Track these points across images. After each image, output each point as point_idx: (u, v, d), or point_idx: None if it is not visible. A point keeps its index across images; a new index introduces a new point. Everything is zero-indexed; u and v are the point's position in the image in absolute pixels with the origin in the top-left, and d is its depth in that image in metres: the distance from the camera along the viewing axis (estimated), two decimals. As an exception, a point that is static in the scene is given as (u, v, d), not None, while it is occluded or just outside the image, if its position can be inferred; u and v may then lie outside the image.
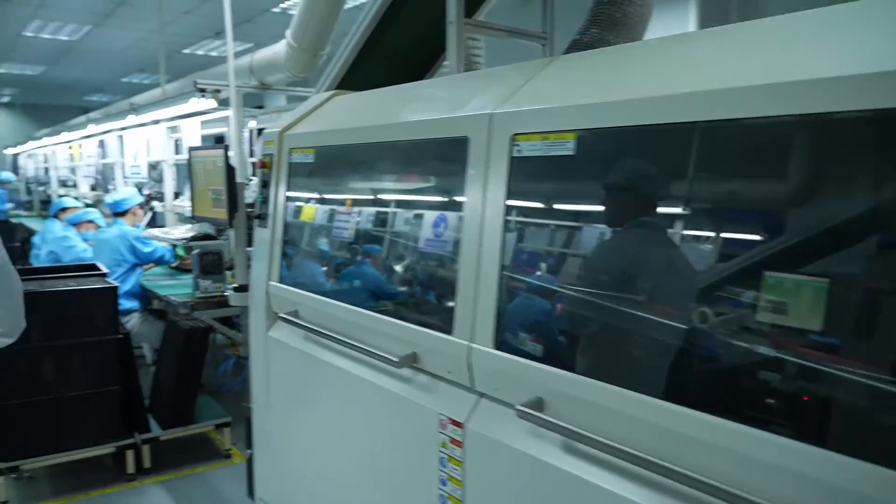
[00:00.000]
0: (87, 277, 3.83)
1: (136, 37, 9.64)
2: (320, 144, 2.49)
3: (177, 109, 4.81)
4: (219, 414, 4.04)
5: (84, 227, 5.73)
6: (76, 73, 12.89)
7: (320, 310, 2.32)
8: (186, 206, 5.43)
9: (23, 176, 14.07)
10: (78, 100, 17.01)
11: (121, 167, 7.06)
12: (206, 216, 3.11)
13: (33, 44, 10.16)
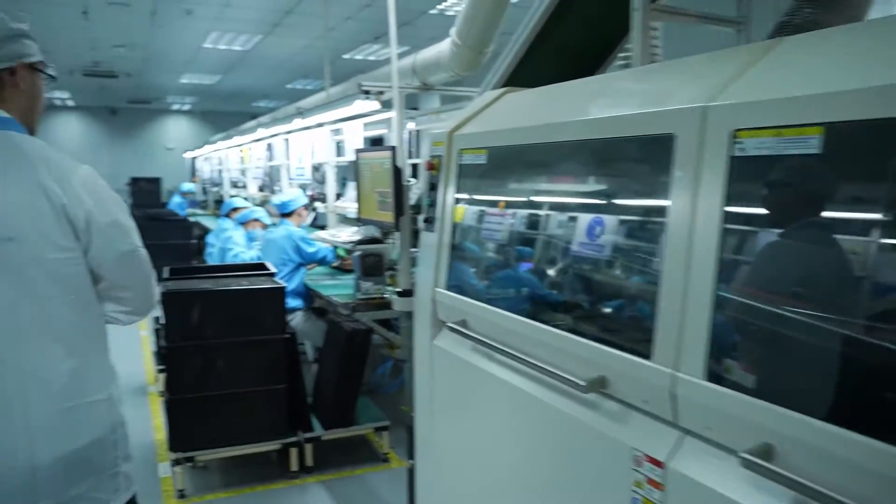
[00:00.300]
0: (257, 277, 3.95)
1: (301, 44, 10.08)
2: (494, 144, 2.34)
3: (340, 112, 4.89)
4: (378, 417, 4.04)
5: (251, 226, 6.00)
6: (246, 81, 13.74)
7: (491, 321, 2.18)
8: (348, 207, 5.54)
9: (199, 177, 15.26)
10: (247, 106, 18.20)
11: (286, 169, 7.37)
12: (371, 219, 3.07)
13: (211, 55, 10.92)
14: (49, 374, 1.51)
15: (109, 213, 1.57)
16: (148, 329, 7.28)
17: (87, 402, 1.56)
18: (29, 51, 1.61)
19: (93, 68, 12.21)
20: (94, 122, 18.43)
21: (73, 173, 1.54)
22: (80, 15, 8.29)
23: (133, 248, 1.62)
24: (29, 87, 1.62)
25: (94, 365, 1.61)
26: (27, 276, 1.47)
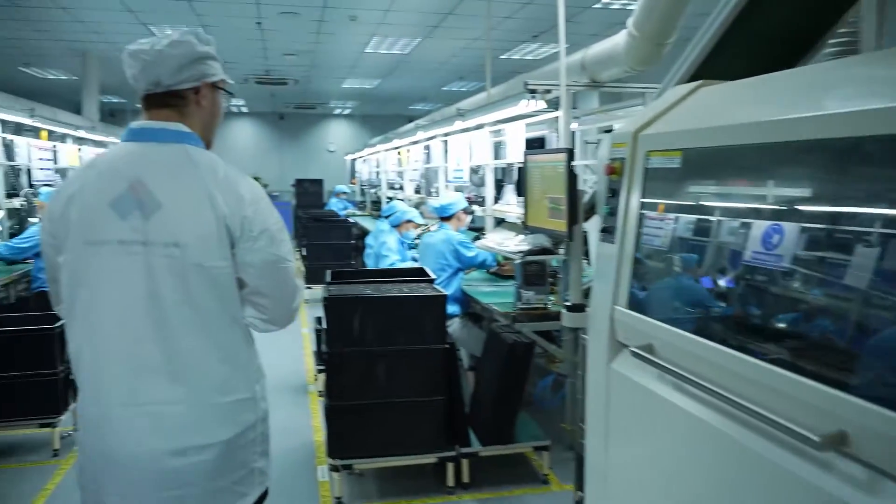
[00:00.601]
0: (417, 283, 3.86)
1: (459, 46, 10.06)
2: (690, 146, 2.04)
3: (502, 113, 4.71)
4: (538, 435, 3.81)
5: (404, 228, 5.97)
6: (404, 84, 13.99)
7: (687, 350, 1.88)
8: (507, 211, 5.36)
9: (358, 179, 15.76)
10: (404, 109, 18.60)
11: (444, 171, 7.32)
12: (541, 227, 2.86)
13: (372, 59, 11.18)
14: (203, 371, 1.63)
15: (263, 223, 1.65)
16: (309, 327, 7.50)
17: (234, 399, 1.67)
18: (212, 71, 1.71)
19: (264, 76, 12.93)
20: (265, 126, 19.63)
21: (239, 186, 1.65)
22: (255, 26, 8.74)
23: (277, 258, 1.69)
24: (210, 105, 1.74)
25: (242, 365, 1.71)
26: (188, 279, 1.57)
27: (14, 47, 10.13)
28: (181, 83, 1.66)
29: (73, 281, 1.60)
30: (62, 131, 7.93)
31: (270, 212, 1.70)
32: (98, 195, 1.59)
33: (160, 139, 1.65)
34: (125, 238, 1.56)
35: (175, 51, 1.63)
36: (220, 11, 8.07)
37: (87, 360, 1.62)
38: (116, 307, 1.58)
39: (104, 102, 16.12)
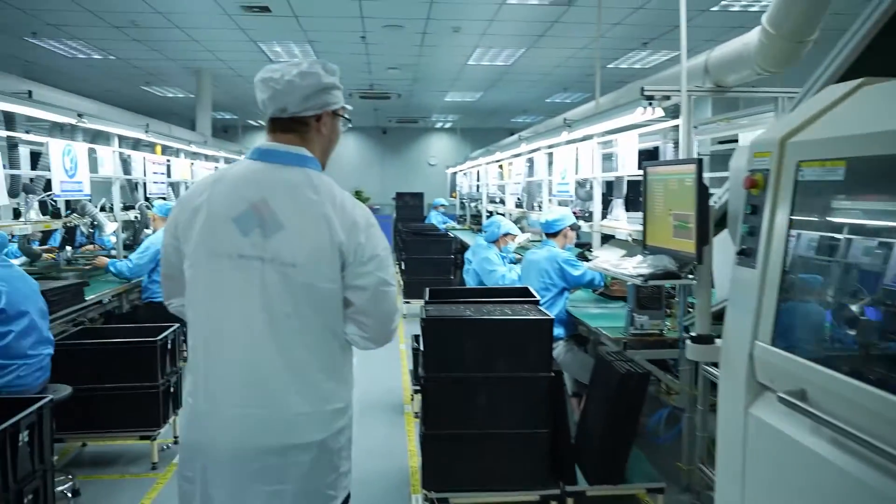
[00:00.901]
0: (520, 304, 3.61)
1: (563, 56, 9.77)
2: (858, 154, 1.70)
3: (614, 122, 4.41)
4: (651, 475, 3.46)
5: (502, 242, 5.73)
6: (507, 96, 13.80)
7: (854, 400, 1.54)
8: (617, 228, 5.02)
9: (458, 192, 15.67)
10: (506, 122, 18.42)
11: (547, 185, 7.04)
12: (663, 247, 2.55)
13: (475, 71, 11.05)
14: (310, 381, 1.74)
15: (374, 249, 1.75)
16: (406, 344, 7.37)
17: (333, 408, 1.77)
18: (334, 100, 1.83)
19: (368, 91, 13.07)
20: (368, 140, 19.94)
21: (354, 212, 1.75)
22: (359, 40, 8.79)
23: (383, 282, 1.77)
24: (329, 131, 1.85)
25: (343, 377, 1.82)
26: (298, 297, 1.69)
27: (135, 67, 10.67)
28: (305, 111, 1.77)
29: (195, 287, 1.75)
30: (175, 146, 8.22)
31: (381, 237, 1.80)
32: (223, 209, 1.70)
33: (284, 161, 1.76)
34: (245, 253, 1.68)
35: (303, 81, 1.74)
36: (326, 27, 8.15)
37: (202, 360, 1.74)
38: (234, 317, 1.70)
39: (217, 119, 16.84)
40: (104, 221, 6.08)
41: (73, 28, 8.17)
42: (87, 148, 5.86)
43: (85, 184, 5.78)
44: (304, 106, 1.76)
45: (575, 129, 5.24)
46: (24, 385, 3.45)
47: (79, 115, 5.19)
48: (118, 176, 6.63)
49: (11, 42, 8.88)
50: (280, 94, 1.75)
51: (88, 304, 4.85)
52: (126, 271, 5.64)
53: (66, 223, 5.67)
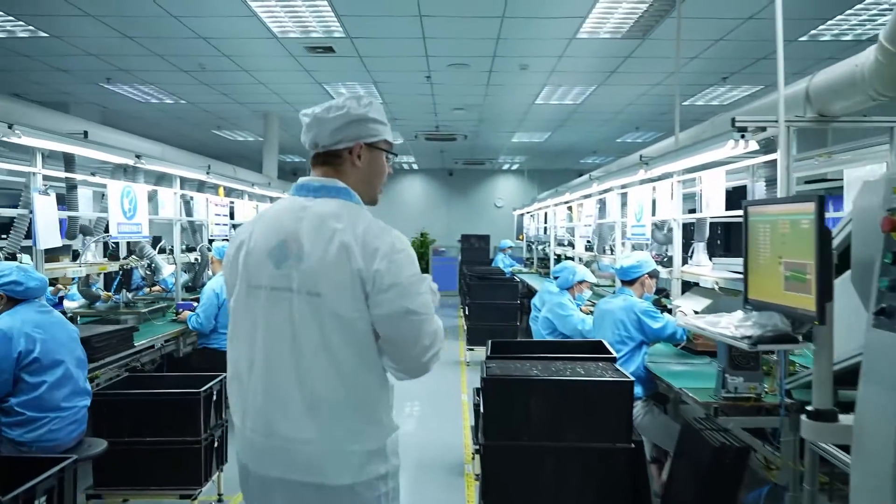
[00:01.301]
0: (594, 361, 3.19)
1: (636, 93, 9.36)
2: None
3: (696, 159, 3.98)
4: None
5: (577, 289, 5.31)
6: (575, 136, 13.43)
7: None
8: (701, 275, 4.54)
9: (525, 235, 15.29)
10: (574, 163, 18.00)
11: (620, 227, 6.61)
12: (772, 302, 2.11)
13: (542, 111, 10.75)
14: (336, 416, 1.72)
15: (395, 277, 1.69)
16: (468, 394, 6.96)
17: (365, 449, 1.73)
18: (368, 132, 1.84)
19: (434, 132, 12.94)
20: (434, 182, 19.84)
21: (377, 239, 1.72)
22: (424, 80, 8.62)
23: (404, 310, 1.70)
24: (367, 164, 1.86)
25: (375, 415, 1.78)
26: (325, 327, 1.70)
27: (205, 111, 10.83)
28: (337, 144, 1.82)
29: (234, 320, 1.82)
30: (238, 188, 8.16)
31: (406, 265, 1.73)
32: (261, 243, 1.77)
33: (317, 194, 1.81)
34: (277, 285, 1.73)
35: (329, 115, 1.80)
36: (391, 67, 8.02)
37: (236, 388, 1.81)
38: (265, 347, 1.73)
39: (287, 161, 17.05)
40: (162, 264, 5.98)
41: (143, 73, 8.30)
42: (147, 189, 5.79)
43: (143, 225, 5.70)
44: (335, 139, 1.82)
45: (652, 167, 4.83)
46: (56, 440, 3.24)
47: (137, 156, 5.11)
48: (179, 218, 6.57)
49: (88, 88, 9.11)
50: (310, 128, 1.84)
51: (138, 349, 4.67)
52: (198, 327, 5.49)
53: (123, 265, 5.57)
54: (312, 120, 1.83)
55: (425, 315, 1.74)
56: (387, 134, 1.89)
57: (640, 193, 5.54)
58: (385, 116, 1.89)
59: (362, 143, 1.84)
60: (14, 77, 8.53)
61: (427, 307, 1.75)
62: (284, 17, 6.30)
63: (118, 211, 5.27)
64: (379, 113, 1.87)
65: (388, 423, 1.81)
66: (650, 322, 4.05)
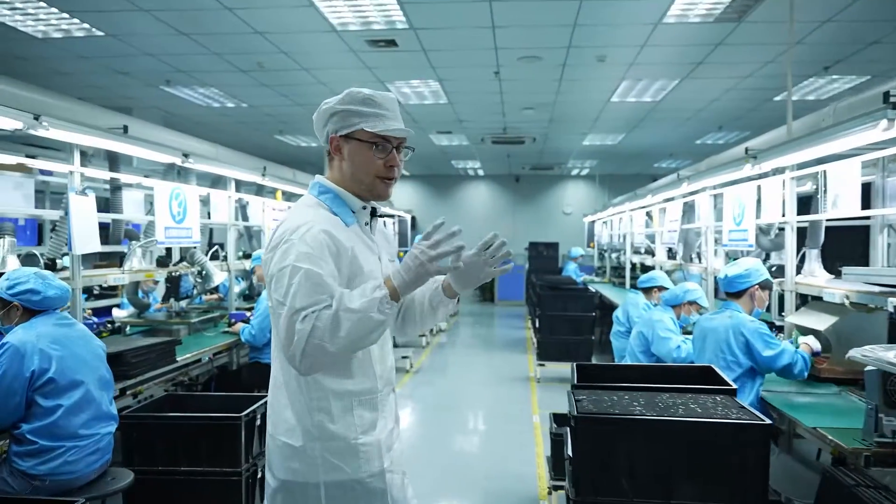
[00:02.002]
0: (708, 394, 2.57)
1: (723, 86, 8.57)
2: None
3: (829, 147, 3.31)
4: None
5: (685, 310, 4.64)
6: (651, 138, 12.64)
7: None
8: (822, 287, 3.84)
9: (597, 243, 14.55)
10: (647, 167, 17.13)
11: (712, 232, 5.90)
12: None
13: (618, 110, 10.06)
14: (273, 407, 1.84)
15: (271, 268, 1.72)
16: (540, 415, 6.36)
17: (282, 441, 1.77)
18: (343, 123, 1.82)
19: (501, 136, 12.38)
20: (500, 189, 19.27)
21: (277, 230, 1.78)
22: (492, 76, 8.08)
23: (275, 303, 1.69)
24: (351, 156, 1.84)
25: (299, 406, 1.76)
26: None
27: (267, 114, 10.58)
28: (325, 140, 1.88)
29: None
30: (297, 191, 7.77)
31: (286, 253, 1.69)
32: None
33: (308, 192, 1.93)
34: None
35: (316, 114, 1.90)
36: (457, 61, 7.51)
37: None
38: None
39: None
40: (213, 271, 5.61)
41: (202, 74, 8.04)
42: (199, 192, 5.44)
43: (194, 230, 5.34)
44: (322, 136, 1.89)
45: (762, 161, 4.14)
46: (73, 472, 2.83)
47: (184, 155, 4.74)
48: (234, 223, 6.21)
49: (149, 92, 8.95)
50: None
51: (181, 364, 4.29)
52: (251, 339, 5.10)
53: (172, 272, 5.22)
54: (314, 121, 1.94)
55: (286, 307, 1.64)
56: (369, 123, 1.79)
57: (742, 193, 4.84)
58: (373, 105, 1.81)
59: (337, 136, 1.83)
60: (75, 80, 8.42)
61: (289, 296, 1.64)
62: (343, 8, 5.87)
63: (166, 214, 4.91)
64: (357, 103, 1.80)
65: (313, 422, 1.75)
66: (761, 347, 3.37)
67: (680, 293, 4.61)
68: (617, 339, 5.80)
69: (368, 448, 1.73)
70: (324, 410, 1.72)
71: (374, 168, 1.82)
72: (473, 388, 7.70)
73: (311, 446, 1.71)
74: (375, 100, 1.81)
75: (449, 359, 9.74)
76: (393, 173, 1.84)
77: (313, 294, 1.62)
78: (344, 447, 1.72)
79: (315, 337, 1.58)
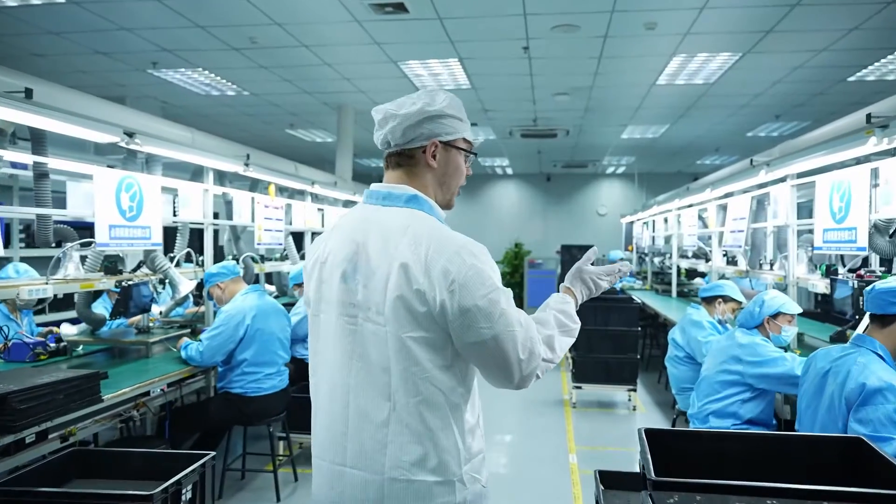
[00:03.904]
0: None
1: (791, 63, 7.36)
2: None
3: None
4: None
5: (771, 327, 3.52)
6: (697, 129, 11.43)
7: None
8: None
9: (636, 245, 13.36)
10: (689, 164, 15.91)
11: (794, 231, 4.74)
12: None
13: (664, 95, 8.89)
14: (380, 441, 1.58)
15: (463, 301, 1.53)
16: (577, 455, 5.25)
17: (423, 479, 1.57)
18: (443, 130, 1.69)
19: (531, 128, 11.27)
20: (530, 188, 18.14)
21: (441, 256, 1.55)
22: (521, 52, 6.99)
23: (481, 339, 1.55)
24: (443, 164, 1.72)
25: (435, 441, 1.59)
26: (386, 347, 1.56)
27: (274, 104, 9.64)
28: (410, 142, 1.69)
29: (312, 339, 1.73)
30: (291, 185, 6.71)
31: (477, 282, 1.53)
32: (333, 256, 1.67)
33: (386, 202, 1.69)
34: (344, 300, 1.62)
35: (401, 111, 1.67)
36: (478, 33, 6.44)
37: (313, 412, 1.72)
38: (329, 367, 1.65)
39: (373, 166, 15.82)
40: (178, 279, 4.61)
41: (190, 53, 7.08)
42: (159, 183, 4.45)
43: (154, 230, 4.35)
44: (408, 137, 1.69)
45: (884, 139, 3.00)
46: None
47: (128, 134, 3.74)
48: (210, 221, 5.21)
49: (137, 77, 8.05)
50: (382, 125, 1.71)
51: (110, 405, 3.28)
52: (198, 358, 4.08)
53: (122, 281, 4.22)
54: (384, 116, 1.70)
55: (506, 334, 1.54)
56: (466, 132, 1.74)
57: (851, 179, 3.69)
58: (464, 113, 1.73)
59: (438, 142, 1.69)
60: (56, 64, 7.54)
61: (509, 324, 1.54)
62: (340, -40, 4.87)
63: (111, 209, 3.93)
64: (457, 109, 1.72)
65: (458, 451, 1.60)
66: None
67: (756, 310, 3.47)
68: (675, 365, 4.65)
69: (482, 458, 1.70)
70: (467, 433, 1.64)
71: (462, 178, 1.79)
72: (498, 416, 6.62)
73: (459, 471, 1.59)
74: (463, 109, 1.77)
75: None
76: (465, 182, 1.81)
77: (522, 316, 1.59)
78: (480, 461, 1.68)
79: (532, 347, 1.58)
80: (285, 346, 4.44)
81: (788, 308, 3.47)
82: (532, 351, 1.57)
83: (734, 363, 3.45)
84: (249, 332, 4.17)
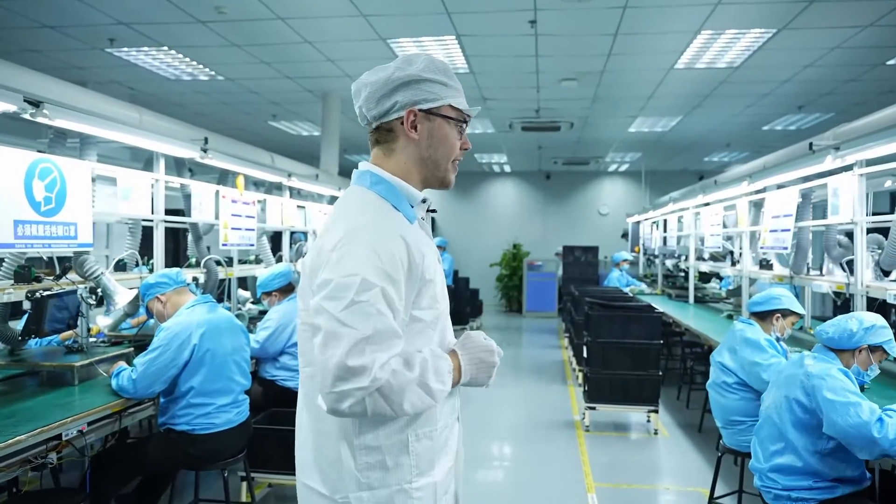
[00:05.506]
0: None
1: (827, 44, 6.55)
2: None
3: None
4: None
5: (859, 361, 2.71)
6: (710, 121, 10.62)
7: None
8: None
9: (642, 246, 12.58)
10: (695, 162, 15.13)
11: (863, 229, 3.93)
12: None
13: (683, 81, 8.08)
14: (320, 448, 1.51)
15: (327, 274, 1.39)
16: (597, 495, 4.42)
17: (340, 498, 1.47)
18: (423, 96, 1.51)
19: (533, 120, 10.46)
20: (529, 187, 17.31)
21: (326, 235, 1.45)
22: (527, 27, 6.16)
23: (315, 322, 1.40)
24: (426, 136, 1.54)
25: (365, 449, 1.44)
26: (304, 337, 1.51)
27: (253, 92, 8.80)
28: (386, 114, 1.52)
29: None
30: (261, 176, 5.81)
31: (351, 261, 1.36)
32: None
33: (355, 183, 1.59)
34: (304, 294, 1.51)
35: (371, 78, 1.53)
36: (483, 3, 5.61)
37: None
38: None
39: (362, 162, 14.97)
40: (113, 288, 3.77)
41: (150, 27, 6.23)
42: (91, 169, 3.61)
43: (81, 228, 3.52)
44: (383, 107, 1.51)
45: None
46: None
47: (29, 102, 2.89)
48: (161, 217, 4.37)
49: (96, 57, 7.19)
50: (356, 97, 1.57)
51: None
52: (129, 387, 3.23)
53: (34, 291, 3.37)
54: (357, 87, 1.55)
55: (335, 327, 1.33)
56: (452, 97, 1.53)
57: None
58: (451, 76, 1.53)
59: (416, 111, 1.50)
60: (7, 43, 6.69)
61: (355, 318, 1.31)
62: None
63: (17, 201, 3.09)
64: (439, 73, 1.51)
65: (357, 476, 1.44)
66: None
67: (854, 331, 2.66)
68: (722, 393, 3.79)
69: (422, 494, 1.44)
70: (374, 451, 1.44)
71: (454, 151, 1.57)
72: (500, 442, 5.79)
73: (356, 497, 1.43)
74: (451, 72, 1.56)
75: (470, 392, 7.80)
76: (461, 156, 1.59)
77: (391, 334, 1.34)
78: (394, 494, 1.43)
79: (383, 394, 1.32)
80: (244, 369, 3.59)
81: (892, 347, 2.66)
82: (341, 370, 1.31)
83: (811, 396, 2.64)
84: (197, 354, 3.31)
